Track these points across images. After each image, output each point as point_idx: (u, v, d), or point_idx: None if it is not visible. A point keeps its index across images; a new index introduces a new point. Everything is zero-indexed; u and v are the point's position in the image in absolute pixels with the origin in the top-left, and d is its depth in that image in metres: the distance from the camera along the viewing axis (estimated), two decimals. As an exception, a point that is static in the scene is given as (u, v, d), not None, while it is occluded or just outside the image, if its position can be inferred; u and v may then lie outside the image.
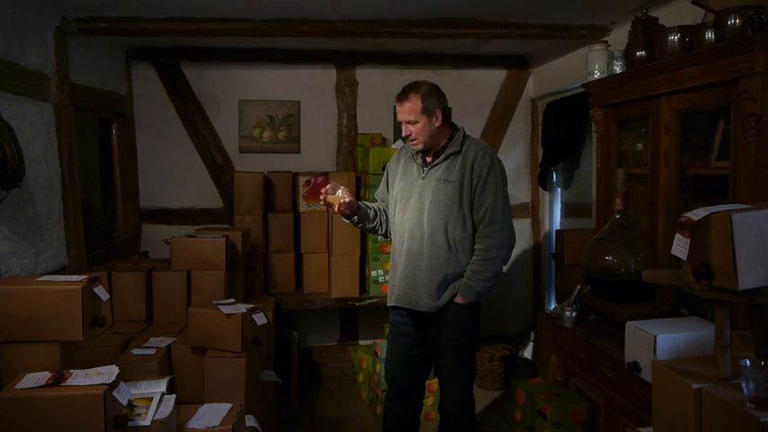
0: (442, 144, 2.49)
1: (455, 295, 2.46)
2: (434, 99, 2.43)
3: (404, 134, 2.49)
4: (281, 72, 4.11)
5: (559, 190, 4.26)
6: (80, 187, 3.10)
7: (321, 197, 2.50)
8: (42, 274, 2.37)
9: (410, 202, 2.51)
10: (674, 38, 2.30)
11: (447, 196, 2.42)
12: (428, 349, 2.61)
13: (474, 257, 2.44)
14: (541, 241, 4.41)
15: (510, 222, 2.46)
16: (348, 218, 2.58)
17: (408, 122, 2.44)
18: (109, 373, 1.81)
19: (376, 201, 2.82)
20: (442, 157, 2.47)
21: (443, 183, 2.44)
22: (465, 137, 2.51)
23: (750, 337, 1.70)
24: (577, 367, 2.75)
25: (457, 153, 2.46)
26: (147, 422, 1.83)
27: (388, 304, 2.63)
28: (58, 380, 1.76)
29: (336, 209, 2.49)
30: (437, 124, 2.44)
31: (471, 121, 4.30)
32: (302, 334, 4.15)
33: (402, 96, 2.46)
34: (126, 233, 3.89)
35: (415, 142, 2.48)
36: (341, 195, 2.47)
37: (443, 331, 2.51)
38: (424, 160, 2.53)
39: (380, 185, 2.78)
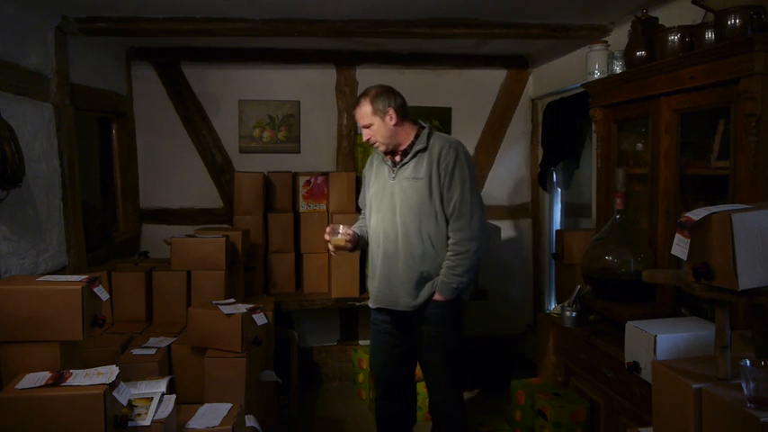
0: (409, 143, 2.53)
1: (434, 293, 2.48)
2: (384, 99, 2.48)
3: (364, 139, 2.55)
4: (281, 72, 4.11)
5: (559, 190, 4.26)
6: (80, 187, 3.10)
7: (330, 247, 2.58)
8: (42, 274, 2.37)
9: (383, 204, 2.55)
10: (674, 38, 2.30)
11: (417, 193, 2.46)
12: (412, 346, 2.62)
13: (448, 253, 2.46)
14: (541, 241, 4.41)
15: (480, 214, 2.48)
16: (352, 250, 2.69)
17: (365, 127, 2.51)
18: (109, 373, 1.81)
19: (362, 209, 2.86)
20: (409, 156, 2.51)
21: (413, 180, 2.47)
22: (431, 133, 2.54)
23: (750, 337, 1.69)
24: (577, 367, 2.74)
25: (423, 150, 2.49)
26: (147, 422, 1.83)
27: (370, 306, 2.66)
28: (58, 380, 1.76)
29: (344, 247, 2.59)
30: (392, 123, 2.48)
31: (471, 121, 4.31)
32: (302, 334, 4.14)
33: (355, 104, 2.56)
34: (126, 233, 3.89)
35: (376, 144, 2.54)
36: (342, 233, 2.55)
37: (426, 330, 2.52)
38: (394, 161, 2.56)
39: (361, 192, 2.82)
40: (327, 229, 2.58)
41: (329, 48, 3.96)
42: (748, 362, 1.38)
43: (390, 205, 2.51)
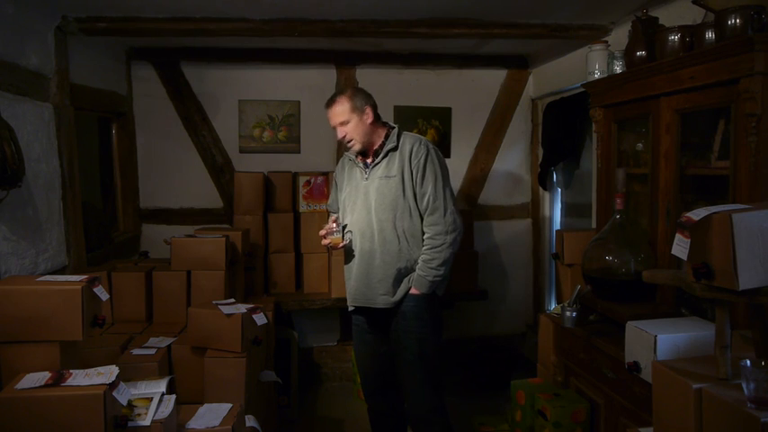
0: (380, 143, 2.56)
1: (410, 288, 2.50)
2: (362, 97, 2.53)
3: (338, 137, 2.56)
4: (281, 72, 4.10)
5: (559, 190, 4.26)
6: (80, 187, 3.10)
7: (326, 242, 2.58)
8: (42, 274, 2.37)
9: (357, 204, 2.57)
10: (675, 38, 2.30)
11: (391, 191, 2.49)
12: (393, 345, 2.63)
13: (423, 247, 2.50)
14: (541, 241, 4.41)
15: (453, 208, 2.52)
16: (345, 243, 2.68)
17: (341, 124, 2.53)
18: (109, 373, 1.81)
19: (331, 212, 2.87)
20: (381, 156, 2.54)
21: (386, 179, 2.51)
22: (400, 133, 2.58)
23: (750, 337, 1.69)
24: (577, 367, 2.74)
25: (394, 149, 2.53)
26: (147, 422, 1.83)
27: (348, 309, 2.69)
28: (57, 380, 1.76)
29: (343, 245, 2.59)
30: (369, 121, 2.53)
31: (471, 121, 4.31)
32: (302, 334, 4.14)
33: (330, 102, 2.58)
34: (126, 233, 3.89)
35: (351, 143, 2.55)
36: (337, 231, 2.56)
37: (402, 325, 2.53)
38: (365, 162, 2.59)
39: (331, 196, 2.85)
40: (322, 232, 2.59)
41: (329, 48, 3.96)
42: (748, 362, 1.38)
43: (365, 204, 2.54)
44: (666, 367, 1.61)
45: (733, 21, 1.99)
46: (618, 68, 2.74)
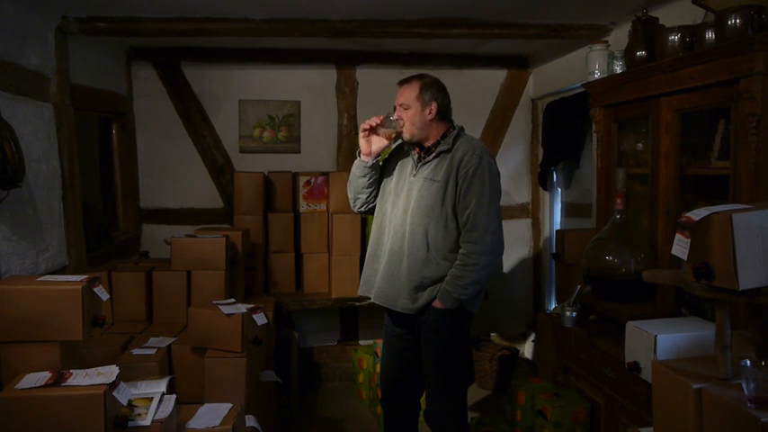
0: (434, 141, 2.45)
1: (434, 298, 2.40)
2: (432, 91, 2.42)
3: (394, 117, 2.44)
4: (281, 72, 4.11)
5: (559, 190, 4.26)
6: (80, 187, 3.10)
7: (370, 125, 2.43)
8: (42, 274, 2.37)
9: (400, 199, 2.47)
10: (675, 38, 2.30)
11: (430, 196, 2.37)
12: (419, 350, 2.57)
13: (456, 262, 2.36)
14: (541, 241, 4.41)
15: (496, 228, 2.34)
16: (374, 156, 2.52)
17: (401, 106, 2.43)
18: (109, 373, 1.81)
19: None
20: (432, 155, 2.42)
21: (429, 182, 2.39)
22: (459, 136, 2.44)
23: (750, 337, 1.69)
24: (577, 367, 2.74)
25: (447, 152, 2.40)
26: (147, 422, 1.83)
27: (359, 292, 2.60)
28: (58, 380, 1.76)
29: (382, 144, 2.45)
30: (429, 117, 2.41)
31: (471, 121, 4.27)
32: (302, 334, 4.14)
33: (404, 80, 2.47)
34: (126, 233, 3.89)
35: (401, 128, 2.44)
36: (392, 122, 2.41)
37: (422, 334, 2.47)
38: (420, 155, 2.48)
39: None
40: (373, 122, 2.44)
41: (329, 48, 3.96)
42: (748, 362, 1.38)
43: (405, 203, 2.44)
44: (666, 367, 1.61)
45: (733, 21, 1.99)
46: (618, 68, 2.74)
